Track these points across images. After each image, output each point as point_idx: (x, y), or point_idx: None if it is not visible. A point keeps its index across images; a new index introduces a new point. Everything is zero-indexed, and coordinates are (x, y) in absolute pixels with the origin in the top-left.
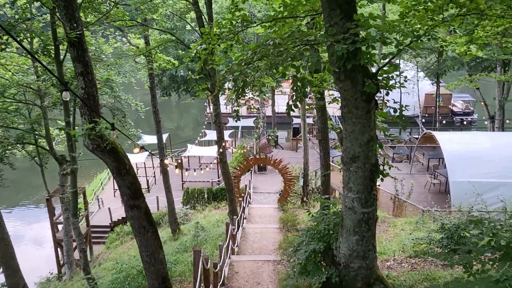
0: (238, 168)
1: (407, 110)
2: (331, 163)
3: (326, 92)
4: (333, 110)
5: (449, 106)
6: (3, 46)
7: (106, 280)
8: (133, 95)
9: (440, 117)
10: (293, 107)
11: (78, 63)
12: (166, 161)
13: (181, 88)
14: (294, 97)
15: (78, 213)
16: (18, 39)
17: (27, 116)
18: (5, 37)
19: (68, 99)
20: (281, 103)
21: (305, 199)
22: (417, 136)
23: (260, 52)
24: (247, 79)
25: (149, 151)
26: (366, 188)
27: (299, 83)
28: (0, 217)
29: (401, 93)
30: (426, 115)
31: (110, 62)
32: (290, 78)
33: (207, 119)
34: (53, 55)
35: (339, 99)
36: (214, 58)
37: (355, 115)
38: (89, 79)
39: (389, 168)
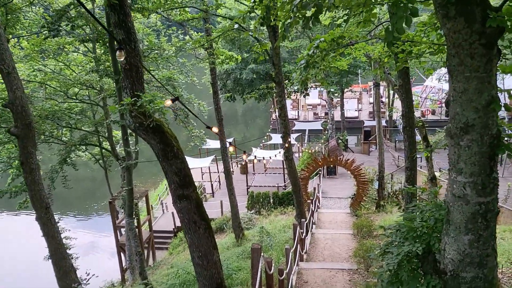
0: (306, 169)
1: None
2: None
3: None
4: None
5: None
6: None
7: (164, 287)
8: (198, 98)
9: None
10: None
11: (120, 29)
12: (244, 156)
13: (246, 91)
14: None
15: (134, 212)
16: (73, 27)
17: (91, 117)
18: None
19: None
20: (350, 106)
21: (381, 203)
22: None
23: None
24: (321, 1)
25: (187, 107)
26: (483, 170)
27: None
28: (51, 215)
29: None
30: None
31: (170, 57)
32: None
33: (272, 123)
34: (107, 44)
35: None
36: (278, 12)
37: (469, 68)
38: (132, 47)
39: None
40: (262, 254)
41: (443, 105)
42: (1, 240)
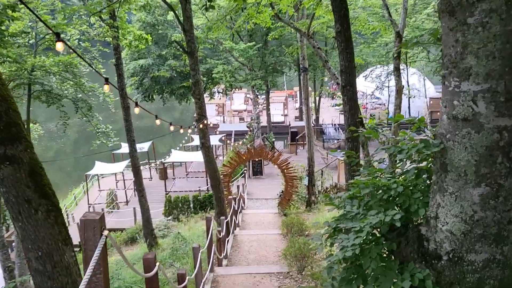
0: (228, 164)
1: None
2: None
3: None
4: (332, 117)
5: None
6: None
7: None
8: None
9: None
10: None
11: None
12: (157, 121)
13: (165, 90)
14: None
15: (3, 217)
16: None
17: None
18: None
19: None
20: (276, 109)
21: (313, 198)
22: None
23: None
24: None
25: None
26: (509, 66)
27: None
28: None
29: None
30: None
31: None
32: None
33: (194, 125)
34: None
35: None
36: None
37: None
38: None
39: None
40: (106, 240)
41: (367, 106)
42: None
